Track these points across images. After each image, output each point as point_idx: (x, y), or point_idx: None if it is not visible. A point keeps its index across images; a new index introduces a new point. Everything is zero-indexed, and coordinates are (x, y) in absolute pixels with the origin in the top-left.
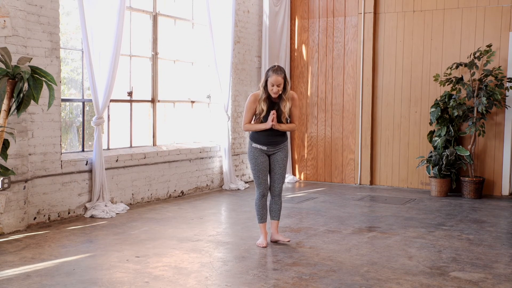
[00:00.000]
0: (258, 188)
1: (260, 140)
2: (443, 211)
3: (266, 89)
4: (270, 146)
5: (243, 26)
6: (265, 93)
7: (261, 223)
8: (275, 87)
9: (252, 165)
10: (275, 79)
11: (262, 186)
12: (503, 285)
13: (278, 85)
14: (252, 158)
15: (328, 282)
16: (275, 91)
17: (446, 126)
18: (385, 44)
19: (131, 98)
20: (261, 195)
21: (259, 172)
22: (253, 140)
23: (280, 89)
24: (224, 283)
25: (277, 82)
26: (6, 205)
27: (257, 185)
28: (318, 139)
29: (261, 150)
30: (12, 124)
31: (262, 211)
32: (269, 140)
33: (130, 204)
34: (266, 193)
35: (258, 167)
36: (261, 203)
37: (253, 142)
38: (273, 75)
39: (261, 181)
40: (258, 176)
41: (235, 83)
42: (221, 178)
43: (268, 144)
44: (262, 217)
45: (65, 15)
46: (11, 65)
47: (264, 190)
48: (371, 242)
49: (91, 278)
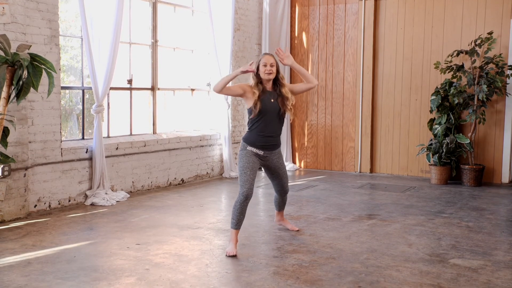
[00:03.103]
0: (242, 187)
1: (257, 142)
2: (443, 199)
3: (258, 76)
4: (267, 151)
5: (243, 13)
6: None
7: (235, 229)
8: (268, 66)
9: (242, 163)
10: (267, 58)
11: (247, 184)
12: (502, 272)
13: (271, 65)
14: (243, 156)
15: (328, 269)
16: (268, 70)
17: (447, 114)
18: (386, 31)
19: (131, 86)
20: (244, 196)
21: (247, 169)
22: (248, 142)
23: (273, 70)
24: (224, 270)
25: (269, 61)
26: (7, 192)
27: (241, 183)
28: (318, 127)
29: (256, 154)
30: (12, 111)
31: (240, 216)
32: (266, 143)
33: (130, 192)
34: (250, 194)
35: (248, 164)
36: (241, 207)
37: (248, 145)
38: (264, 56)
39: (247, 178)
40: (245, 173)
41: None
42: (221, 166)
43: (265, 148)
44: (238, 223)
45: (64, 2)
46: (10, 53)
47: (248, 191)
48: (371, 230)
49: (91, 265)
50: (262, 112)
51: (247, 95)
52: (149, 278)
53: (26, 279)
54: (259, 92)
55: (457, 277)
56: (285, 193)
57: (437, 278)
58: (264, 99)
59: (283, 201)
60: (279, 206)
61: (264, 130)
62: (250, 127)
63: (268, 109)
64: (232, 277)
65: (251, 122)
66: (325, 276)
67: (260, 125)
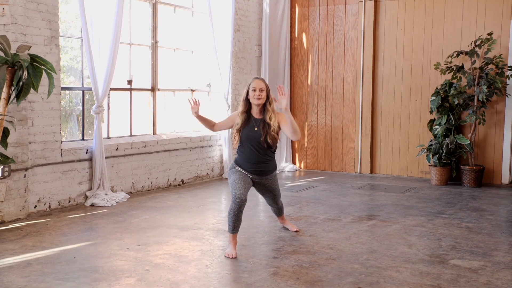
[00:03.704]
0: (235, 195)
1: (246, 168)
2: (443, 200)
3: (247, 102)
4: (258, 176)
5: (243, 14)
6: (245, 107)
7: (233, 233)
8: (257, 91)
9: (233, 177)
10: (256, 83)
11: (240, 192)
12: (502, 272)
13: (260, 90)
14: (233, 172)
15: (328, 270)
16: (257, 95)
17: (447, 115)
18: (386, 32)
19: (131, 86)
20: (237, 204)
21: (238, 180)
22: (238, 165)
23: (262, 95)
24: (224, 271)
25: (259, 86)
26: (7, 193)
27: (234, 191)
28: (318, 128)
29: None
30: (12, 112)
31: (236, 222)
32: (256, 169)
33: (130, 192)
34: (243, 201)
35: (239, 177)
36: (235, 214)
37: (238, 166)
38: (254, 80)
39: (239, 186)
40: (236, 182)
41: (235, 71)
42: (221, 167)
43: (255, 173)
44: (235, 228)
45: (64, 3)
46: (10, 53)
47: (241, 197)
48: (371, 231)
49: (91, 266)
50: (243, 141)
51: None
52: (149, 279)
53: (26, 280)
54: (241, 122)
55: (457, 278)
56: (277, 205)
57: (437, 279)
58: (246, 128)
59: (278, 209)
60: (276, 213)
61: (251, 158)
62: (237, 152)
63: (250, 138)
64: (232, 278)
65: (238, 147)
66: (325, 277)
67: (245, 152)
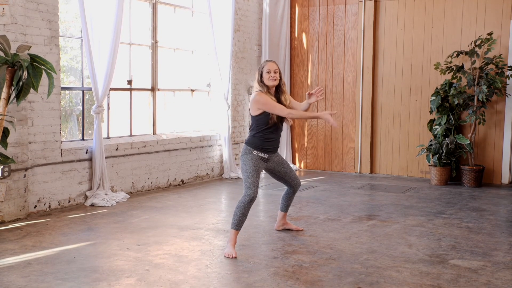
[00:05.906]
0: (249, 189)
1: (262, 146)
2: (443, 200)
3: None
4: (271, 153)
5: (243, 14)
6: (266, 88)
7: (235, 230)
8: (272, 73)
9: (248, 166)
10: (270, 65)
11: (254, 187)
12: (502, 272)
13: (274, 71)
14: (249, 160)
15: (327, 270)
16: (272, 77)
17: (446, 115)
18: (386, 32)
19: (131, 86)
20: (249, 198)
21: (253, 172)
22: (255, 147)
23: (277, 76)
24: (224, 271)
25: (273, 68)
26: (7, 193)
27: (248, 185)
28: (318, 128)
29: (262, 158)
30: (11, 112)
31: (242, 217)
32: (271, 147)
33: (130, 192)
34: (255, 197)
35: (254, 167)
36: (245, 208)
37: (254, 149)
38: (267, 63)
39: (254, 180)
40: (252, 175)
41: (235, 71)
42: (221, 166)
43: (269, 151)
44: (239, 224)
45: (64, 3)
46: (10, 53)
47: (254, 193)
48: (371, 230)
49: (91, 266)
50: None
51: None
52: (149, 278)
53: (26, 280)
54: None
55: (457, 277)
56: (299, 185)
57: (437, 279)
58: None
59: (293, 197)
60: (286, 205)
61: (271, 136)
62: (256, 133)
63: (278, 117)
64: (232, 277)
65: (258, 128)
66: (325, 277)
67: (269, 131)
